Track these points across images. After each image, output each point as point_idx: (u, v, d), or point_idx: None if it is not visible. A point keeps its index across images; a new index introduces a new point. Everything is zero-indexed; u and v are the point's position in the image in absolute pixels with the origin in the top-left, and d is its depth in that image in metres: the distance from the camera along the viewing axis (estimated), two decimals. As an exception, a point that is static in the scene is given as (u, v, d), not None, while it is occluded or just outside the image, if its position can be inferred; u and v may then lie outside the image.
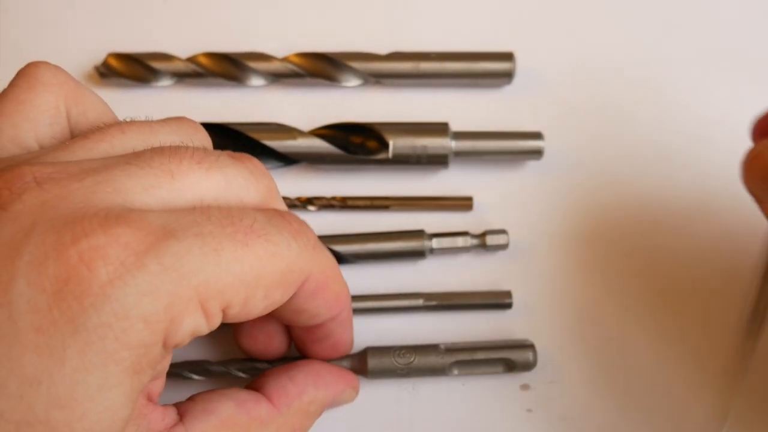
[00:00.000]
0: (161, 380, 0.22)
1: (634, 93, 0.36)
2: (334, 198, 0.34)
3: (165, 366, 0.21)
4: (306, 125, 0.34)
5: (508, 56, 0.35)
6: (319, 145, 0.33)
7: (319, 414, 0.27)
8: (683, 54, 0.36)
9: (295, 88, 0.36)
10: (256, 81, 0.35)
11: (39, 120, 0.23)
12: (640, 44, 0.37)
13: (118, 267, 0.18)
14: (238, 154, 0.23)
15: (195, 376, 0.30)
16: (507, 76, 0.35)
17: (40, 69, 0.24)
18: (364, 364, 0.31)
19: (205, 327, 0.20)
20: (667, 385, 0.33)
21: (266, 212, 0.22)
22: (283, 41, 0.36)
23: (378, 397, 0.32)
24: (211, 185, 0.21)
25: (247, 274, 0.20)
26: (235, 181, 0.22)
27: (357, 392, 0.30)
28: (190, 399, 0.24)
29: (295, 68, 0.35)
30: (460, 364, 0.31)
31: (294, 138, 0.33)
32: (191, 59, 0.35)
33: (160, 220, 0.19)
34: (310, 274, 0.23)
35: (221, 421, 0.23)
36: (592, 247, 0.34)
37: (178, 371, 0.31)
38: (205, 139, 0.25)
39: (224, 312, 0.20)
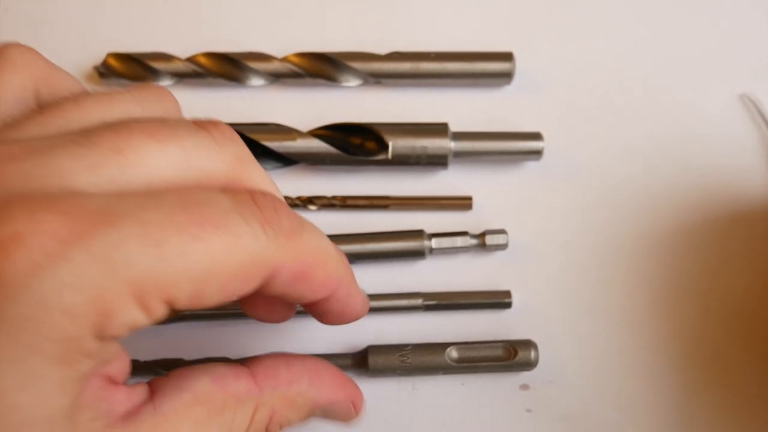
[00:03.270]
0: (120, 362, 0.21)
1: (633, 93, 0.36)
2: (333, 197, 0.34)
3: (113, 352, 0.19)
4: (305, 125, 0.34)
5: (507, 56, 0.35)
6: (319, 146, 0.33)
7: (306, 414, 0.25)
8: (683, 54, 0.36)
9: (294, 88, 0.36)
10: (256, 81, 0.35)
11: (4, 99, 0.22)
12: (640, 44, 0.37)
13: (40, 256, 0.17)
14: (202, 121, 0.22)
15: None
16: (506, 76, 0.35)
17: (9, 49, 0.23)
18: (365, 361, 0.31)
19: (144, 320, 0.19)
20: (667, 385, 0.33)
21: (236, 195, 0.20)
22: (283, 41, 0.36)
23: (377, 397, 0.32)
24: (166, 159, 0.20)
25: (194, 269, 0.18)
26: (195, 152, 0.20)
27: (357, 414, 0.27)
28: (167, 375, 0.23)
29: (294, 68, 0.35)
30: (461, 348, 0.32)
31: (293, 139, 0.33)
32: (191, 59, 0.35)
33: (100, 204, 0.18)
34: (281, 266, 0.21)
35: (195, 398, 0.21)
36: (592, 247, 0.34)
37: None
38: (171, 107, 0.23)
39: (170, 304, 0.19)
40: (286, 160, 0.33)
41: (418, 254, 0.33)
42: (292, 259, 0.21)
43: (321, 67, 0.35)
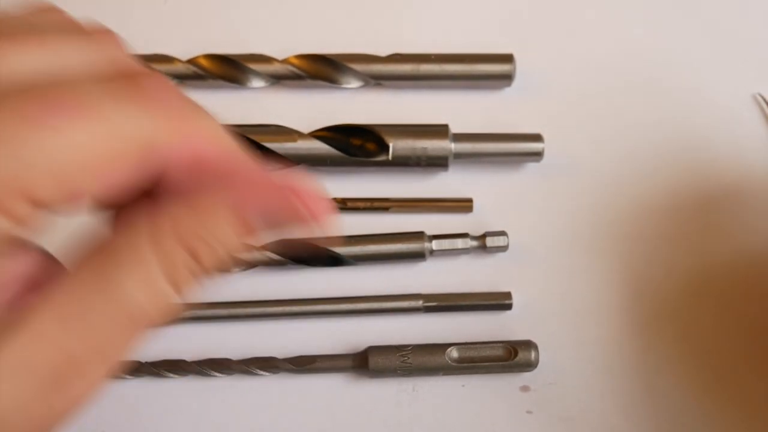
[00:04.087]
0: (22, 262, 0.19)
1: (634, 95, 0.36)
2: (334, 199, 0.34)
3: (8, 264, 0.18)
4: (306, 127, 0.34)
5: (507, 58, 0.35)
6: (319, 147, 0.33)
7: (235, 230, 0.19)
8: (683, 56, 0.36)
9: (295, 89, 0.36)
10: (257, 83, 0.35)
11: None
12: (640, 46, 0.36)
13: None
14: (91, 28, 0.20)
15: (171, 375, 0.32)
16: (507, 78, 0.35)
17: None
18: (365, 362, 0.32)
19: (7, 223, 0.17)
20: (667, 385, 0.33)
21: (107, 79, 0.18)
22: (284, 43, 0.36)
23: (377, 399, 0.32)
24: (28, 61, 0.18)
25: (53, 162, 0.17)
26: (68, 55, 0.18)
27: (312, 212, 0.20)
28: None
29: (295, 70, 0.35)
30: (461, 348, 0.32)
31: (294, 140, 0.33)
32: (191, 61, 0.35)
33: None
34: (167, 145, 0.18)
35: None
36: (592, 249, 0.34)
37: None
38: (65, 22, 0.21)
39: (38, 203, 0.17)
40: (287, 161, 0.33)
41: (418, 256, 0.33)
42: (180, 139, 0.19)
43: (321, 69, 0.35)
